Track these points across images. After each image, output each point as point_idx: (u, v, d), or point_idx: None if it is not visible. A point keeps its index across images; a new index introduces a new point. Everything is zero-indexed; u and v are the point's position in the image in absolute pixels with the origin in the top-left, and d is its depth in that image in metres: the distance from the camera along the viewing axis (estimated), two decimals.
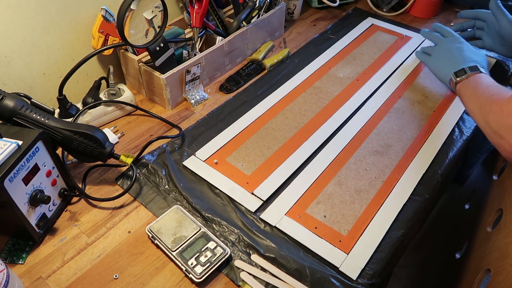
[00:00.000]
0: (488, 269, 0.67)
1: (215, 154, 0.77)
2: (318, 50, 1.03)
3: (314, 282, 0.59)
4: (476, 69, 0.78)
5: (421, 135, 0.81)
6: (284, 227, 0.65)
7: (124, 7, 0.72)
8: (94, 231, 0.66)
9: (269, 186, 0.71)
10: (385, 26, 1.12)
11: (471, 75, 0.78)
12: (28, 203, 0.60)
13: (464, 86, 0.78)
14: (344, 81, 0.94)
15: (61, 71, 0.83)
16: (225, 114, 0.86)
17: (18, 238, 0.64)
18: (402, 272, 1.12)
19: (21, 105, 0.64)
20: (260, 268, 0.61)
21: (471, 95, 0.75)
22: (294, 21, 1.15)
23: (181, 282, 0.60)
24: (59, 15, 0.78)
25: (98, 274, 0.60)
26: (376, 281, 0.60)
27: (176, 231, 0.63)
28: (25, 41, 0.76)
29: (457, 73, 0.80)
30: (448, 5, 1.21)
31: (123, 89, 0.86)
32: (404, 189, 0.71)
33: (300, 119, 0.84)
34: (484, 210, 0.82)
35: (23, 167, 0.58)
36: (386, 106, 0.88)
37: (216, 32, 0.94)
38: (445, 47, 0.88)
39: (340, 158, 0.77)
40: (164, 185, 0.72)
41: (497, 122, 0.64)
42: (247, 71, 0.97)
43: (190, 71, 0.85)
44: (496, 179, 0.85)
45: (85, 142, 0.66)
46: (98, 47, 0.83)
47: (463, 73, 0.79)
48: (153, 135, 0.82)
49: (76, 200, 0.71)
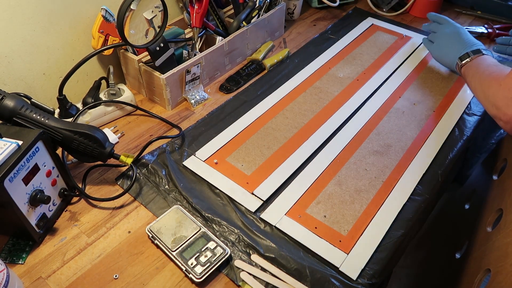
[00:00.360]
0: (488, 269, 0.67)
1: (215, 154, 0.77)
2: (318, 50, 1.03)
3: (314, 282, 0.59)
4: (478, 52, 0.83)
5: (421, 135, 0.81)
6: (284, 227, 0.65)
7: (124, 7, 0.72)
8: (94, 231, 0.66)
9: (269, 186, 0.71)
10: (385, 26, 1.12)
11: (474, 57, 0.83)
12: (28, 203, 0.60)
13: (468, 68, 0.83)
14: (344, 81, 0.94)
15: (61, 71, 0.83)
16: (225, 114, 0.86)
17: (18, 238, 0.64)
18: (402, 272, 1.12)
19: (21, 105, 0.64)
20: (260, 268, 0.61)
21: (473, 75, 0.80)
22: (294, 21, 1.15)
23: (181, 282, 0.60)
24: (59, 15, 0.78)
25: (98, 274, 0.60)
26: (376, 281, 0.60)
27: (176, 231, 0.63)
28: (25, 41, 0.76)
29: (461, 58, 0.85)
30: (448, 5, 1.21)
31: (123, 89, 0.86)
32: (404, 189, 0.71)
33: (300, 119, 0.84)
34: (484, 210, 0.82)
35: (23, 167, 0.58)
36: (386, 106, 0.88)
37: (216, 32, 0.94)
38: (444, 34, 0.93)
39: (340, 158, 0.77)
40: (164, 185, 0.72)
41: (494, 95, 0.70)
42: (247, 71, 0.97)
43: (190, 71, 0.85)
44: (496, 179, 0.85)
45: (85, 142, 0.66)
46: (98, 47, 0.83)
47: (467, 57, 0.84)
48: (153, 135, 0.82)
49: (76, 200, 0.71)
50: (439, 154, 0.77)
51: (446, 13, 1.18)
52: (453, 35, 0.90)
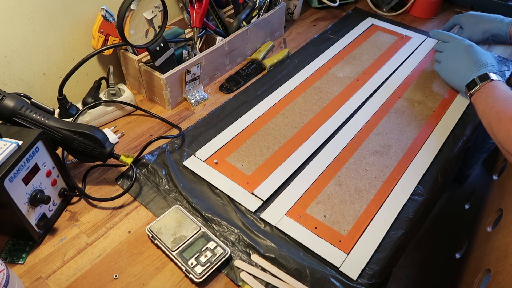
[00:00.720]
0: (488, 269, 0.67)
1: (215, 154, 0.77)
2: (318, 50, 1.03)
3: (314, 282, 0.59)
4: (486, 78, 0.76)
5: (421, 135, 0.81)
6: (284, 227, 0.65)
7: (124, 7, 0.72)
8: (94, 231, 0.66)
9: (269, 186, 0.71)
10: (385, 26, 1.12)
11: (482, 85, 0.76)
12: (28, 203, 0.60)
13: (477, 99, 0.77)
14: (344, 81, 0.94)
15: (61, 71, 0.83)
16: (225, 114, 0.86)
17: (18, 238, 0.64)
18: (402, 272, 1.12)
19: (21, 105, 0.64)
20: (260, 268, 0.61)
21: (483, 111, 0.74)
22: (294, 21, 1.15)
23: (181, 282, 0.60)
24: (59, 15, 0.78)
25: (98, 274, 0.60)
26: (376, 281, 0.60)
27: (176, 231, 0.63)
28: (25, 41, 0.76)
29: (468, 86, 0.79)
30: (448, 5, 1.21)
31: (123, 89, 0.86)
32: (404, 189, 0.71)
33: (300, 119, 0.84)
34: (484, 210, 0.82)
35: (23, 167, 0.58)
36: (386, 106, 0.88)
37: (216, 32, 0.94)
38: (449, 54, 0.86)
39: (340, 158, 0.77)
40: (164, 185, 0.72)
41: (505, 141, 0.66)
42: (247, 71, 0.97)
43: (190, 71, 0.85)
44: (496, 179, 0.86)
45: (85, 142, 0.66)
46: (98, 47, 0.83)
47: (474, 85, 0.78)
48: (153, 135, 0.82)
49: (76, 200, 0.71)
50: (439, 154, 0.77)
51: (446, 13, 1.18)
52: (459, 54, 0.83)
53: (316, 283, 0.59)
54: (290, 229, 0.65)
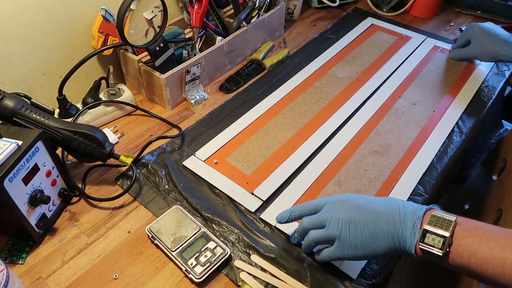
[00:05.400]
0: None
1: (215, 154, 0.77)
2: (318, 50, 1.03)
3: (314, 282, 0.59)
4: None
5: (421, 135, 0.81)
6: (284, 227, 0.65)
7: (124, 7, 0.72)
8: (94, 231, 0.66)
9: (269, 186, 0.71)
10: (385, 26, 1.12)
11: None
12: (28, 203, 0.60)
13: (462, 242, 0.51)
14: (344, 81, 0.94)
15: (61, 71, 0.83)
16: (225, 114, 0.86)
17: (18, 238, 0.64)
18: (402, 272, 1.12)
19: (21, 105, 0.64)
20: (260, 268, 0.61)
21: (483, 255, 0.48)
22: (294, 21, 1.15)
23: (181, 282, 0.60)
24: (59, 15, 0.78)
25: (98, 274, 0.60)
26: (376, 281, 0.60)
27: (176, 231, 0.63)
28: (25, 41, 0.76)
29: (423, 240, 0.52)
30: (448, 5, 1.21)
31: (123, 89, 0.86)
32: (404, 189, 0.71)
33: (300, 119, 0.84)
34: (484, 210, 0.82)
35: (23, 167, 0.58)
36: (386, 106, 0.87)
37: (216, 32, 0.94)
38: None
39: (340, 158, 0.77)
40: (164, 185, 0.72)
41: None
42: (247, 71, 0.97)
43: (190, 71, 0.85)
44: (496, 179, 0.86)
45: (85, 142, 0.66)
46: (98, 47, 0.83)
47: None
48: (153, 135, 0.82)
49: (76, 200, 0.71)
50: (439, 154, 0.77)
51: (446, 13, 1.18)
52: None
53: (316, 283, 0.59)
54: (290, 229, 0.65)
